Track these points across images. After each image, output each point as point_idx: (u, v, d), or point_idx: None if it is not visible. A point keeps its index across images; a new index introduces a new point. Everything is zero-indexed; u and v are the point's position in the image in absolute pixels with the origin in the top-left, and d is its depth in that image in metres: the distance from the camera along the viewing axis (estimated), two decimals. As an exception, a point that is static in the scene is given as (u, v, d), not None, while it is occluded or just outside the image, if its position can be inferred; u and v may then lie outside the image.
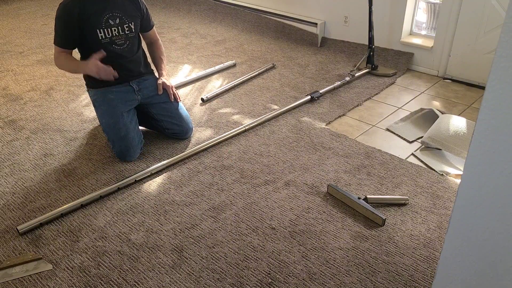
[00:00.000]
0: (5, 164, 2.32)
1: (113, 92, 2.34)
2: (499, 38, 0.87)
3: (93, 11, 2.18)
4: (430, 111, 2.81)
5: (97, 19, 2.20)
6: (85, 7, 2.16)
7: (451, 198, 2.06)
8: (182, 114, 2.48)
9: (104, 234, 1.87)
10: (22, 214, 1.98)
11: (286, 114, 2.78)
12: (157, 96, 2.44)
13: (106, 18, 2.22)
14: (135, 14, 2.35)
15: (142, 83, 2.43)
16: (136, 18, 2.35)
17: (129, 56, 2.35)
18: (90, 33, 2.20)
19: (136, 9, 2.35)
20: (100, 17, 2.20)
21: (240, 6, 4.38)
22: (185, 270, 1.70)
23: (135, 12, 2.34)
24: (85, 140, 2.53)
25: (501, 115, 0.93)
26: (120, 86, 2.35)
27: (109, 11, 2.22)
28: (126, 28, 2.30)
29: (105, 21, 2.22)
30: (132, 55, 2.37)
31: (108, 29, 2.23)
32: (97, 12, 2.19)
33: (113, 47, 2.27)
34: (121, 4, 2.27)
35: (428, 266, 1.71)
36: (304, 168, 2.27)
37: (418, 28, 3.48)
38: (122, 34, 2.29)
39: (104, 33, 2.23)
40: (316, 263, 1.72)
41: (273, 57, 3.64)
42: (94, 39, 2.22)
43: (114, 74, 2.22)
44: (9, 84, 3.18)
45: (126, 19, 2.29)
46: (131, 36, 2.33)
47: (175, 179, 2.20)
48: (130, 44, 2.34)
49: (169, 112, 2.45)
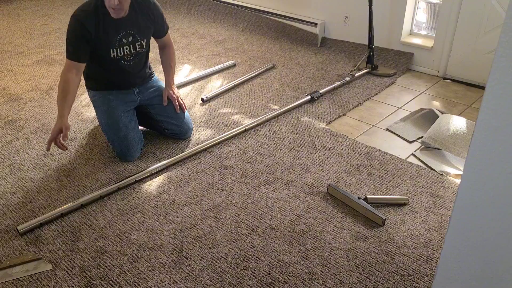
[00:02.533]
0: (5, 164, 2.32)
1: (113, 93, 2.34)
2: (499, 38, 0.87)
3: (108, 31, 2.14)
4: (430, 111, 2.81)
5: (111, 39, 2.16)
6: (100, 26, 2.11)
7: (451, 198, 2.06)
8: (181, 115, 2.47)
9: (104, 234, 1.87)
10: (22, 214, 1.98)
11: (286, 114, 2.78)
12: (156, 97, 2.44)
13: (120, 37, 2.18)
14: (149, 29, 2.30)
15: (143, 85, 2.43)
16: (149, 33, 2.32)
17: (134, 71, 2.35)
18: (103, 51, 2.18)
19: (150, 23, 2.29)
20: (115, 36, 2.17)
21: (240, 6, 4.38)
22: (185, 270, 1.70)
23: (148, 27, 2.29)
24: (85, 140, 2.53)
25: (501, 115, 0.93)
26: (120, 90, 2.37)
27: (123, 29, 2.18)
28: (137, 46, 2.27)
29: (118, 40, 2.19)
30: (138, 69, 2.36)
31: (120, 48, 2.21)
32: (112, 31, 2.15)
33: (122, 62, 2.26)
34: (135, 21, 2.21)
35: (428, 266, 1.71)
36: (304, 168, 2.27)
37: (418, 28, 3.48)
38: (133, 52, 2.27)
39: (116, 52, 2.21)
40: (316, 263, 1.72)
41: (273, 57, 3.64)
42: (104, 56, 2.21)
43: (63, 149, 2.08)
44: (9, 84, 3.18)
45: (139, 37, 2.25)
46: (141, 52, 2.32)
47: (175, 179, 2.20)
48: (138, 59, 2.33)
49: (168, 113, 2.44)
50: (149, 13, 2.26)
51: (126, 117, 2.31)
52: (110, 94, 2.33)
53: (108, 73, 2.32)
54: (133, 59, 2.29)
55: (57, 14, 4.74)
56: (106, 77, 2.33)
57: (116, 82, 2.35)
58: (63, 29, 4.29)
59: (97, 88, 2.35)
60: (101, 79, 2.34)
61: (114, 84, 2.35)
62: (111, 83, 2.35)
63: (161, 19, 2.35)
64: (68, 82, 2.10)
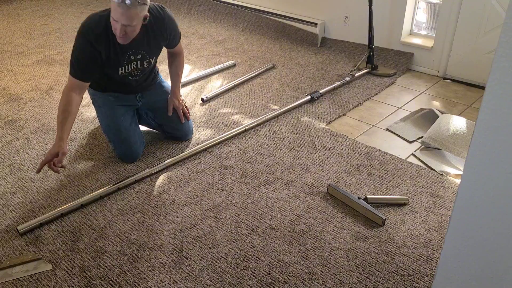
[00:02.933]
0: (5, 164, 2.32)
1: (113, 95, 2.30)
2: (499, 38, 0.87)
3: (118, 51, 2.06)
4: (430, 111, 2.81)
5: (121, 58, 2.09)
6: (111, 48, 2.03)
7: (451, 198, 2.06)
8: (185, 122, 2.45)
9: (104, 234, 1.87)
10: (22, 214, 1.98)
11: (286, 114, 2.78)
12: (159, 102, 2.39)
13: (129, 55, 2.11)
14: (159, 47, 2.23)
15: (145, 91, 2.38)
16: (159, 50, 2.25)
17: (139, 82, 2.29)
18: (111, 69, 2.12)
19: (162, 41, 2.20)
20: (124, 55, 2.10)
21: (240, 6, 4.38)
22: (185, 270, 1.70)
23: (159, 46, 2.22)
24: (85, 140, 2.53)
25: (501, 115, 0.93)
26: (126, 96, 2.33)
27: (134, 48, 2.10)
28: (145, 63, 2.20)
29: (127, 58, 2.12)
30: (143, 80, 2.30)
31: (128, 65, 2.14)
32: (122, 52, 2.07)
33: (129, 78, 2.21)
34: (147, 43, 2.12)
35: (428, 266, 1.71)
36: (304, 168, 2.27)
37: (418, 28, 3.48)
38: (140, 68, 2.20)
39: (124, 69, 2.15)
40: (316, 263, 1.72)
41: (273, 57, 3.63)
42: (112, 73, 2.15)
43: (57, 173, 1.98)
44: (9, 84, 3.18)
45: (149, 56, 2.18)
46: (148, 67, 2.25)
47: (175, 179, 2.20)
48: (146, 73, 2.28)
49: (171, 119, 2.41)
50: (163, 32, 2.16)
51: (127, 119, 2.30)
52: (111, 95, 2.30)
53: (110, 83, 2.25)
54: (140, 74, 2.24)
55: (57, 14, 4.73)
56: (108, 85, 2.27)
57: (118, 90, 2.29)
58: (63, 29, 4.29)
59: (97, 88, 2.30)
60: (102, 84, 2.27)
61: (116, 91, 2.30)
62: (112, 90, 2.29)
63: (174, 32, 2.24)
64: (71, 103, 2.00)
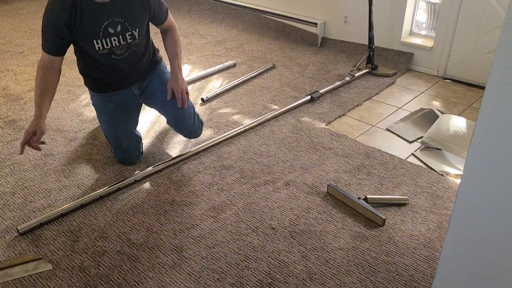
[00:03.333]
0: (5, 164, 2.32)
1: (113, 100, 2.17)
2: (499, 38, 0.87)
3: (88, 20, 1.84)
4: (430, 111, 2.81)
5: (93, 29, 1.87)
6: (78, 15, 1.82)
7: (451, 198, 2.06)
8: (185, 117, 2.27)
9: (104, 234, 1.87)
10: (22, 214, 1.98)
11: (286, 114, 2.78)
12: (158, 95, 2.23)
13: (104, 26, 1.89)
14: (141, 16, 1.99)
15: (144, 83, 2.22)
16: (142, 21, 2.01)
17: (130, 65, 2.09)
18: (86, 42, 1.92)
19: (144, 10, 1.99)
20: (97, 25, 1.87)
21: (240, 6, 4.38)
22: (185, 270, 1.70)
23: (141, 13, 1.98)
24: (85, 140, 2.53)
25: (501, 115, 0.93)
26: (119, 92, 2.16)
27: (107, 17, 1.88)
28: (128, 37, 1.97)
29: (103, 30, 1.89)
30: (134, 62, 2.10)
31: (106, 39, 1.92)
32: (94, 21, 1.86)
33: (112, 57, 2.00)
34: (123, 6, 1.90)
35: (428, 266, 1.71)
36: (304, 168, 2.27)
37: (418, 28, 3.47)
38: (123, 44, 1.99)
39: (102, 44, 1.92)
40: (316, 263, 1.72)
41: (273, 57, 3.63)
42: (89, 49, 1.94)
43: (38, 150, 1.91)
44: (9, 84, 3.18)
45: (129, 26, 1.95)
46: (134, 44, 2.03)
47: (175, 179, 2.20)
48: (132, 51, 2.05)
49: (171, 113, 2.27)
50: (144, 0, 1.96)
51: (128, 126, 2.24)
52: (111, 101, 2.16)
53: (101, 72, 2.07)
54: (124, 52, 2.01)
55: (57, 14, 4.73)
56: (100, 77, 2.10)
57: (112, 83, 2.13)
58: (63, 29, 4.29)
59: (95, 89, 2.16)
60: (96, 78, 2.12)
61: (111, 86, 2.13)
62: (107, 85, 2.13)
63: (160, 6, 2.05)
64: (47, 81, 1.90)
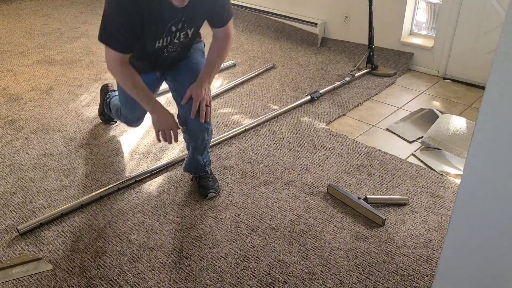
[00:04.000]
0: (5, 164, 2.32)
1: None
2: (499, 38, 0.87)
3: (162, 18, 1.70)
4: (430, 111, 2.81)
5: (161, 29, 1.73)
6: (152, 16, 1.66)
7: (451, 198, 2.06)
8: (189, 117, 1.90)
9: (104, 234, 1.87)
10: (22, 214, 1.98)
11: (286, 114, 2.78)
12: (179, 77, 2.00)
13: (169, 26, 1.74)
14: (203, 18, 1.86)
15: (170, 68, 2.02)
16: (200, 22, 1.87)
17: (173, 58, 1.94)
18: (148, 40, 1.76)
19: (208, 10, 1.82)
20: (165, 26, 1.73)
21: (240, 6, 4.38)
22: (185, 270, 1.70)
23: (203, 16, 1.84)
24: (85, 140, 2.53)
25: (501, 115, 0.93)
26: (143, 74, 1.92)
27: (178, 17, 1.74)
28: (182, 36, 1.83)
29: (167, 30, 1.75)
30: (178, 55, 1.95)
31: (168, 37, 1.79)
32: (165, 19, 1.71)
33: (163, 51, 1.86)
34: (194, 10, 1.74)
35: (428, 266, 1.71)
36: (304, 168, 2.27)
37: (418, 28, 3.47)
38: (176, 42, 1.84)
39: (162, 42, 1.79)
40: (316, 263, 1.72)
41: (273, 57, 3.63)
42: (148, 45, 1.79)
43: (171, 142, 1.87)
44: (9, 84, 3.18)
45: (187, 27, 1.81)
46: (185, 41, 1.88)
47: (175, 179, 2.20)
48: (181, 48, 1.91)
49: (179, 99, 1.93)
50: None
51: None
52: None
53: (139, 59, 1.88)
54: (174, 50, 1.88)
55: (57, 14, 4.73)
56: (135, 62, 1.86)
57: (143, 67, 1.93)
58: (63, 29, 4.29)
59: None
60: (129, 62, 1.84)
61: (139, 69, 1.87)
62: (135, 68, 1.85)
63: (223, 3, 1.83)
64: (132, 74, 1.79)
